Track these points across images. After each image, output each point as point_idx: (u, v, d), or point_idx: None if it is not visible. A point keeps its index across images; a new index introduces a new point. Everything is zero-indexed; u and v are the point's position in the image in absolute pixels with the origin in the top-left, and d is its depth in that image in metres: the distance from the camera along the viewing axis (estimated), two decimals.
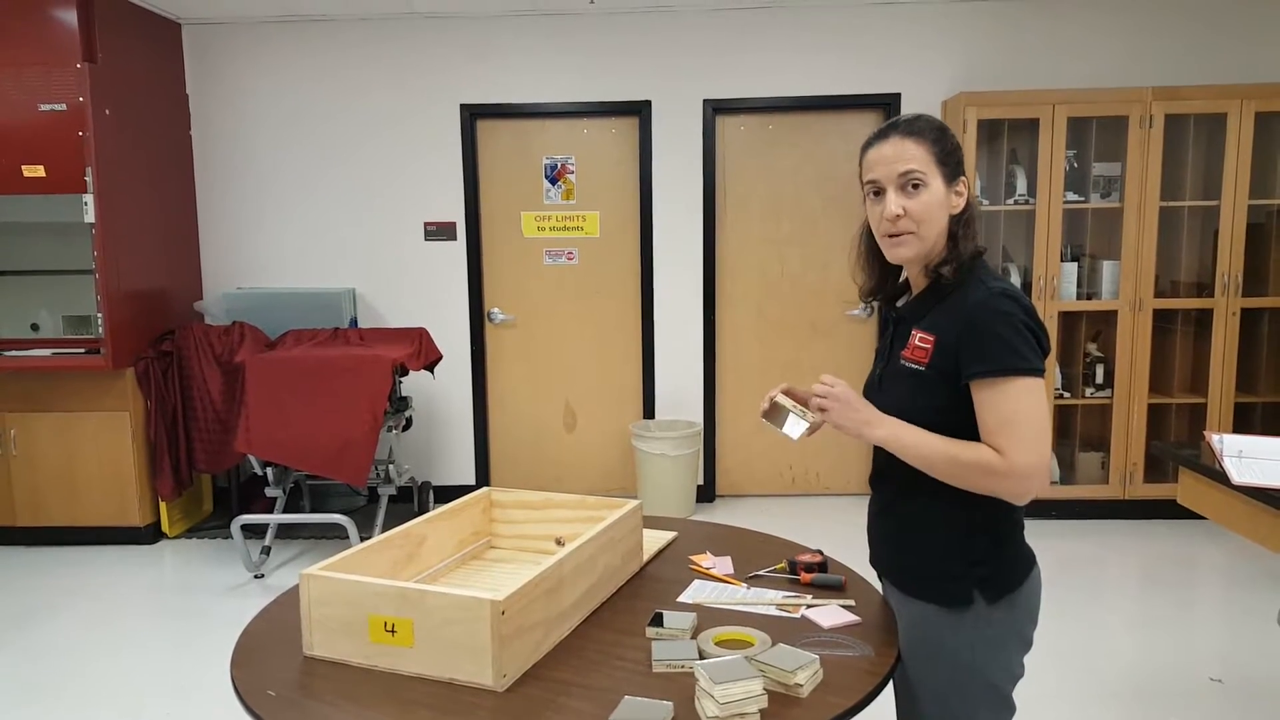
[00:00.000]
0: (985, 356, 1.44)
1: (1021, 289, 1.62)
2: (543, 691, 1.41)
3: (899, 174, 1.49)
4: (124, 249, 4.41)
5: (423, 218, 5.09)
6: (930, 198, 1.50)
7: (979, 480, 1.45)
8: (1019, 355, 1.43)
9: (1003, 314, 1.44)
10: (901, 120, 1.54)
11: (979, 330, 1.45)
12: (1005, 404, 1.43)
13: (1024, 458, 1.42)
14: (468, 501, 1.99)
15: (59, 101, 4.16)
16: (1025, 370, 1.43)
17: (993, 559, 1.54)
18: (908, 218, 1.50)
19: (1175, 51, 4.77)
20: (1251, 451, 2.30)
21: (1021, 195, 4.61)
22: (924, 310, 1.56)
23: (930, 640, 1.56)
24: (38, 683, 3.19)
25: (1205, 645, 3.35)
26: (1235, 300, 4.50)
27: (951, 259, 1.52)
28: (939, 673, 1.56)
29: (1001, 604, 1.53)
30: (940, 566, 1.55)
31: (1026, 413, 1.42)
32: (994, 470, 1.43)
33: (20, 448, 4.48)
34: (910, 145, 1.49)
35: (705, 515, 4.95)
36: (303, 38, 4.98)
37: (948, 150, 1.51)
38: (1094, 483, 4.72)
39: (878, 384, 1.66)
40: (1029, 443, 1.42)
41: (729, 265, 5.11)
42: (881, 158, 1.51)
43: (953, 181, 1.52)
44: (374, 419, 4.07)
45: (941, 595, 1.55)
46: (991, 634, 1.53)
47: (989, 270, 1.54)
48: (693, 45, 4.90)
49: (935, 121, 1.54)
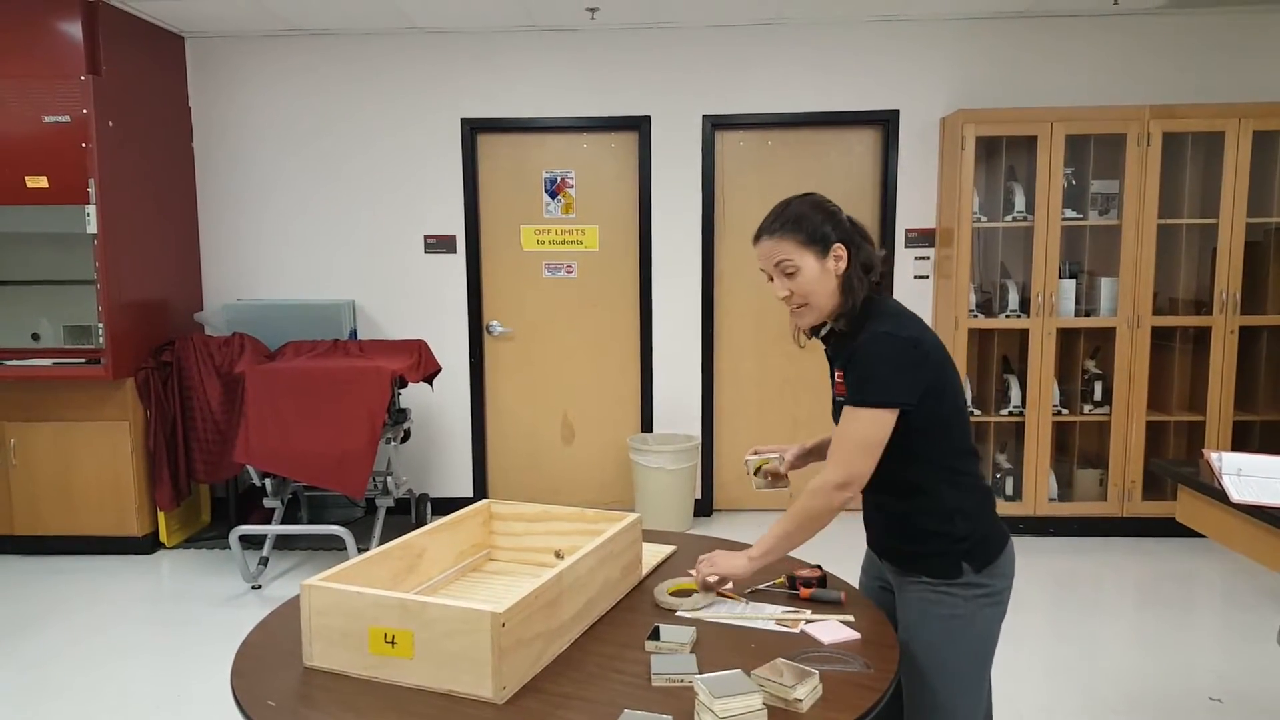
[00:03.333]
0: (852, 387, 1.74)
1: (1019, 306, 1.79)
2: (542, 704, 1.41)
3: (775, 264, 1.80)
4: (125, 260, 4.42)
5: (422, 230, 5.10)
6: (806, 276, 1.78)
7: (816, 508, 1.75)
8: (870, 391, 1.71)
9: (874, 355, 1.72)
10: (767, 221, 1.82)
11: (855, 366, 1.74)
12: (848, 426, 1.73)
13: (840, 472, 1.72)
14: (467, 514, 1.99)
15: (62, 113, 4.18)
16: (870, 403, 1.71)
17: (972, 535, 1.79)
18: (795, 295, 1.81)
19: (1173, 70, 4.81)
20: (1250, 470, 2.30)
21: (1020, 212, 4.63)
22: (838, 351, 1.85)
23: (930, 604, 1.79)
24: (35, 692, 3.17)
25: (1204, 664, 3.34)
26: (1233, 318, 4.51)
27: (841, 312, 1.81)
28: (939, 632, 1.78)
29: (985, 571, 1.78)
30: (931, 546, 1.79)
31: (857, 436, 1.71)
32: (818, 492, 1.74)
33: (20, 457, 4.47)
34: (775, 242, 1.79)
35: (703, 529, 4.95)
36: (304, 51, 5.01)
37: (812, 232, 1.77)
38: (1092, 500, 4.72)
39: (836, 411, 1.88)
40: (850, 460, 1.71)
41: (727, 279, 5.12)
42: (761, 253, 1.82)
43: (826, 253, 1.78)
44: (373, 431, 4.07)
45: (936, 569, 1.79)
46: (981, 594, 1.78)
47: (883, 311, 1.79)
48: (692, 61, 4.93)
49: (797, 212, 1.79)
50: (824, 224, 1.79)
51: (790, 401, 5.18)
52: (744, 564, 1.80)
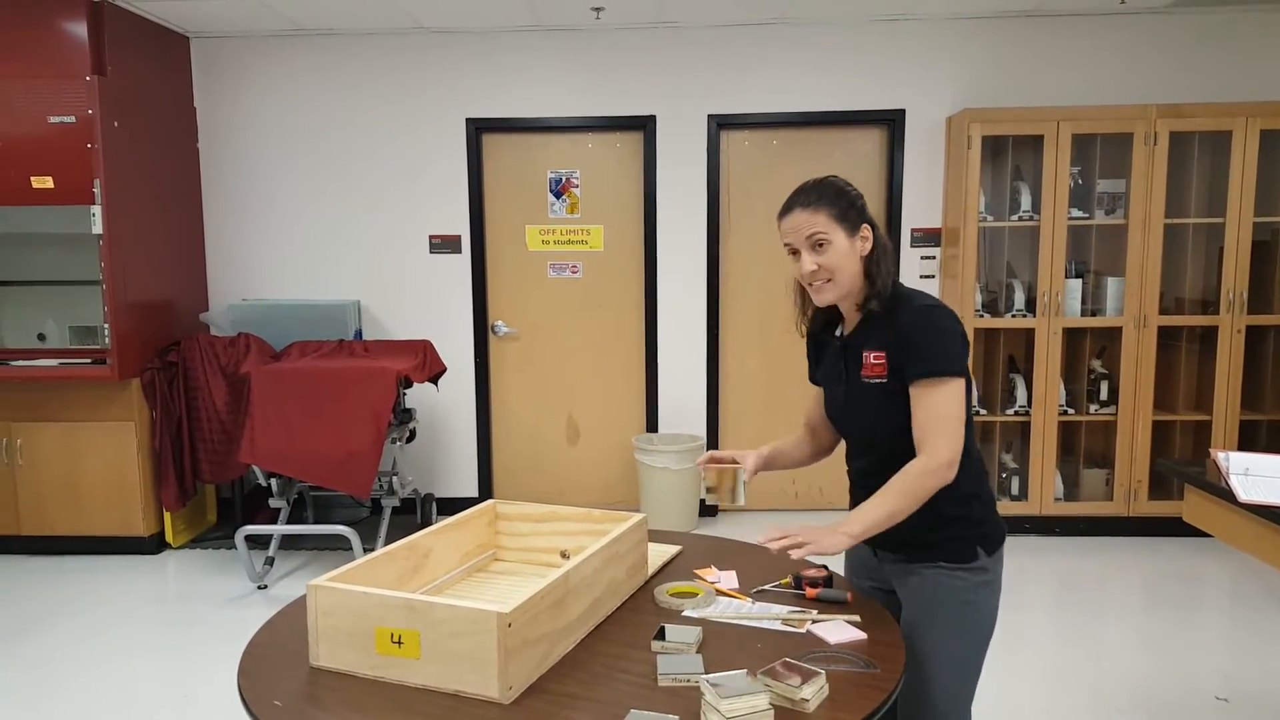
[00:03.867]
0: (922, 361, 1.72)
1: (1025, 306, 1.80)
2: (548, 705, 1.41)
3: (806, 237, 1.78)
4: (131, 260, 4.43)
5: (428, 230, 5.11)
6: (836, 251, 1.77)
7: (929, 489, 1.71)
8: (948, 360, 1.71)
9: (934, 326, 1.73)
10: (803, 192, 1.81)
11: (916, 341, 1.72)
12: (935, 401, 1.71)
13: (948, 450, 1.70)
14: (473, 514, 1.99)
15: (68, 113, 4.19)
16: (952, 372, 1.71)
17: (986, 519, 1.83)
18: (822, 270, 1.78)
19: (1179, 69, 4.79)
20: (1258, 469, 2.30)
21: (1026, 211, 4.61)
22: (867, 335, 1.82)
23: (943, 590, 1.80)
24: (41, 692, 3.18)
25: (1210, 663, 3.33)
26: (1240, 317, 4.50)
27: (873, 293, 1.80)
28: (950, 616, 1.79)
29: (994, 555, 1.82)
30: (950, 531, 1.80)
31: (950, 409, 1.71)
32: (931, 474, 1.70)
33: (26, 457, 4.48)
34: (810, 214, 1.77)
35: (708, 529, 4.94)
36: (310, 52, 5.01)
37: (845, 209, 1.78)
38: (1098, 499, 4.71)
39: (845, 402, 1.89)
40: (952, 435, 1.70)
41: (732, 279, 5.12)
42: (792, 226, 1.80)
43: (855, 232, 1.79)
44: (378, 431, 4.07)
45: (953, 554, 1.80)
46: (988, 578, 1.82)
47: (909, 292, 1.82)
48: (697, 61, 4.93)
49: (832, 186, 1.80)
50: (855, 202, 1.81)
51: (796, 401, 5.17)
52: (842, 541, 1.69)
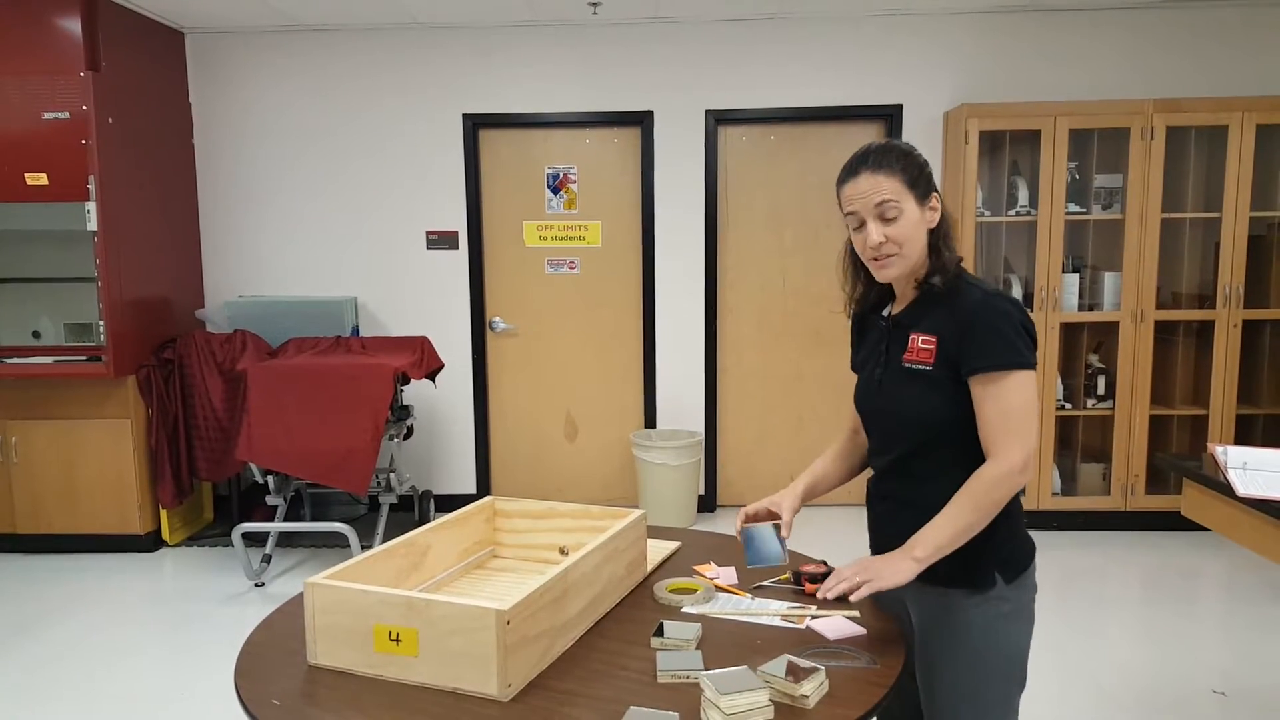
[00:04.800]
0: (987, 353, 1.55)
1: (1023, 300, 1.72)
2: (547, 702, 1.40)
3: (874, 205, 1.59)
4: (126, 257, 4.42)
5: (425, 227, 5.09)
6: (907, 221, 1.59)
7: (1003, 497, 1.55)
8: (1016, 351, 1.54)
9: (1001, 313, 1.56)
10: (870, 153, 1.61)
11: (980, 329, 1.55)
12: (1005, 397, 1.54)
13: (1022, 452, 1.54)
14: (472, 510, 1.99)
15: (62, 110, 4.17)
16: (1022, 364, 1.54)
17: (1010, 540, 1.63)
18: (890, 242, 1.60)
19: (1176, 63, 4.79)
20: (1256, 464, 2.30)
21: (1023, 206, 4.61)
22: (920, 316, 1.65)
23: (956, 622, 1.62)
24: (38, 690, 3.17)
25: (1208, 657, 3.34)
26: (1237, 312, 4.50)
27: (938, 269, 1.63)
28: (964, 654, 1.62)
29: (1016, 583, 1.62)
30: (965, 553, 1.58)
31: (1021, 406, 1.54)
32: (1003, 480, 1.54)
33: (21, 455, 4.47)
34: (881, 178, 1.58)
35: (706, 525, 4.94)
36: (305, 47, 4.99)
37: (916, 174, 1.59)
38: (1095, 494, 4.72)
39: (878, 387, 1.72)
40: (1025, 435, 1.54)
41: (730, 275, 5.11)
42: (857, 192, 1.60)
43: (925, 200, 1.61)
44: (375, 427, 4.06)
45: (967, 579, 1.61)
46: (1009, 610, 1.62)
47: (973, 276, 1.65)
48: (695, 56, 4.91)
49: (900, 148, 1.61)
50: (924, 168, 1.61)
51: (794, 397, 5.17)
52: (909, 569, 1.53)
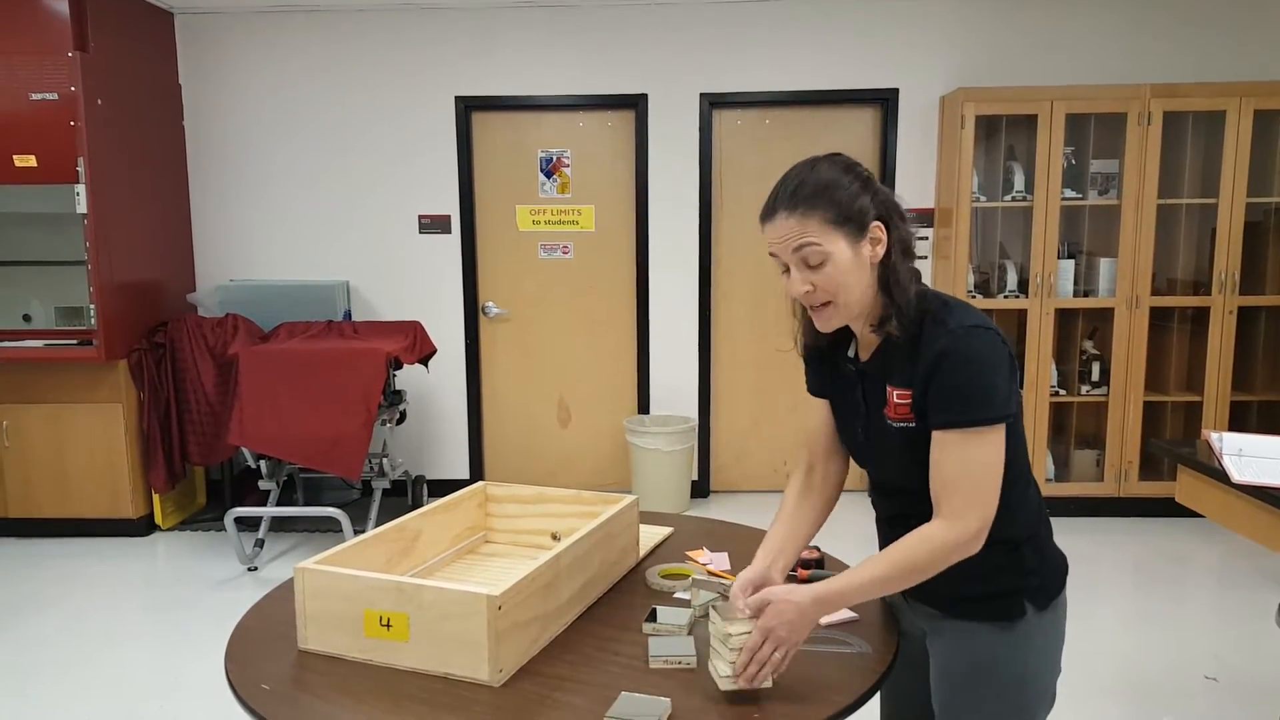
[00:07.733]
0: (950, 408, 1.36)
1: (1018, 286, 1.60)
2: (539, 687, 1.40)
3: (793, 250, 1.37)
4: (116, 240, 4.38)
5: (417, 210, 5.06)
6: (836, 267, 1.37)
7: (941, 568, 1.37)
8: (984, 406, 1.34)
9: (970, 359, 1.35)
10: (784, 192, 1.38)
11: (945, 383, 1.35)
12: (968, 455, 1.36)
13: (979, 520, 1.36)
14: (463, 496, 1.98)
15: (50, 91, 4.12)
16: (988, 420, 1.35)
17: (1041, 567, 1.48)
18: (818, 290, 1.39)
19: (1174, 49, 4.77)
20: (1251, 450, 2.29)
21: (1019, 192, 4.60)
22: (890, 365, 1.44)
23: (981, 657, 1.48)
24: (30, 674, 3.16)
25: (1200, 643, 3.35)
26: (1232, 298, 4.50)
27: (890, 313, 1.40)
28: (992, 689, 1.48)
29: (1045, 611, 1.48)
30: (994, 584, 1.45)
31: (985, 465, 1.36)
32: (954, 551, 1.36)
33: (12, 439, 4.45)
34: (795, 221, 1.36)
35: (700, 511, 4.94)
36: (296, 28, 4.94)
37: (844, 208, 1.36)
38: (1089, 480, 4.73)
39: (864, 444, 1.54)
40: (985, 500, 1.36)
41: (725, 260, 5.09)
42: (775, 235, 1.38)
43: (861, 235, 1.37)
44: (368, 412, 4.05)
45: (995, 612, 1.46)
46: (1041, 642, 1.49)
47: (942, 305, 1.41)
48: (690, 39, 4.88)
49: (821, 179, 1.37)
50: (860, 195, 1.37)
51: (788, 384, 5.16)
52: (812, 617, 1.36)
